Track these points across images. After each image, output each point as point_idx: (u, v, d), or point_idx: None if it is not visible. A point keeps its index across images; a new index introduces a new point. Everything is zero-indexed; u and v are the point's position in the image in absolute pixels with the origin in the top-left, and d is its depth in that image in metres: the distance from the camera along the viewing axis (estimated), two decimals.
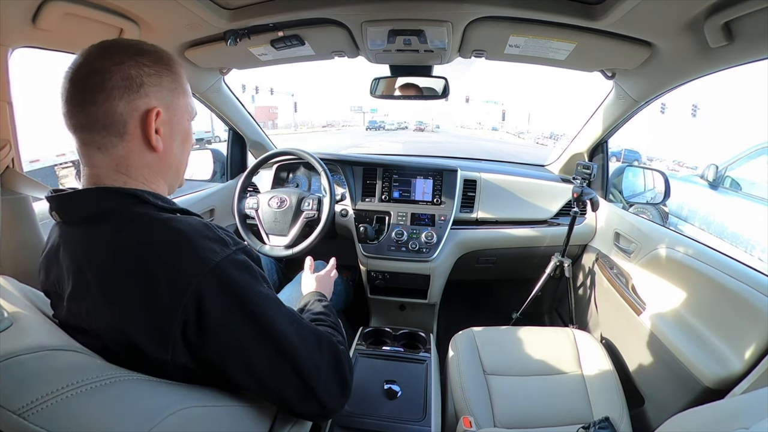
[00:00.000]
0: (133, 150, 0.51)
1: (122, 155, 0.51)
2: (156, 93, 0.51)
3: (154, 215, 0.49)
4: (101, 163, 0.51)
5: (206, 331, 0.46)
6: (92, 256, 0.48)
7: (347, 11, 0.93)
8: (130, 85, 0.49)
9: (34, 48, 0.86)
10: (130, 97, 0.49)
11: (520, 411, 0.98)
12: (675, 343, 0.97)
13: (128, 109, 0.49)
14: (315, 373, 0.55)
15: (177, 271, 0.45)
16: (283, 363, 0.52)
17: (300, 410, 0.57)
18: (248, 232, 1.38)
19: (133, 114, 0.50)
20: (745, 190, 3.59)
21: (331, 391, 0.58)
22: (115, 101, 0.48)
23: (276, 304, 0.53)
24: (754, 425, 0.41)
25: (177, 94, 0.55)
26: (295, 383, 0.54)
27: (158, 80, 0.52)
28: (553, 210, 1.56)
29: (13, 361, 0.36)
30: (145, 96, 0.50)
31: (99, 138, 0.49)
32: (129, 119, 0.50)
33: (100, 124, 0.49)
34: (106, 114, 0.48)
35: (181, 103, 0.56)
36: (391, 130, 37.80)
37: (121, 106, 0.49)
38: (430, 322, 1.63)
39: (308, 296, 0.85)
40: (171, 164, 0.57)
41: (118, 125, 0.49)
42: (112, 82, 0.48)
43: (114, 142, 0.50)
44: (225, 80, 1.44)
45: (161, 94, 0.52)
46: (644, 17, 0.80)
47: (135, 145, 0.51)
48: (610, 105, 1.35)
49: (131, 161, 0.52)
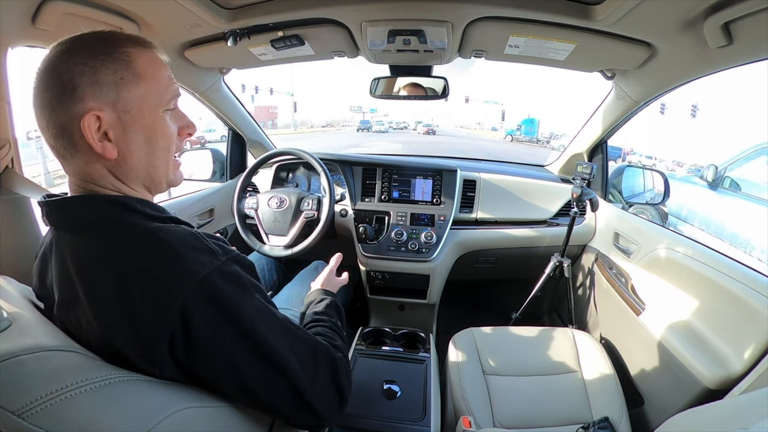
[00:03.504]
0: (89, 161, 0.47)
1: (81, 166, 0.48)
2: (92, 93, 0.45)
3: (142, 225, 0.48)
4: (73, 172, 0.49)
5: (194, 346, 0.45)
6: (79, 266, 0.46)
7: (347, 11, 0.93)
8: (63, 92, 0.44)
9: (34, 48, 0.86)
10: (65, 105, 0.44)
11: (520, 411, 0.98)
12: (674, 344, 0.97)
13: (68, 118, 0.45)
14: (309, 385, 0.53)
15: (163, 284, 0.44)
16: (276, 377, 0.50)
17: (295, 421, 0.56)
18: (248, 232, 1.38)
19: (74, 123, 0.45)
20: (744, 191, 3.60)
21: (327, 403, 0.56)
22: (55, 112, 0.45)
23: (268, 316, 0.51)
24: (754, 425, 0.41)
25: (125, 85, 0.46)
26: (288, 396, 0.52)
27: (93, 77, 0.45)
28: (553, 210, 1.56)
29: (13, 362, 0.36)
30: (80, 100, 0.44)
31: (59, 146, 0.47)
32: (73, 129, 0.45)
33: (54, 134, 0.46)
34: (52, 123, 0.45)
35: (135, 95, 0.47)
36: (381, 132, 29.62)
37: (62, 116, 0.45)
38: (430, 322, 1.63)
39: (313, 294, 0.84)
40: (138, 168, 0.51)
41: (67, 135, 0.46)
42: (50, 90, 0.44)
43: (70, 151, 0.47)
44: (225, 80, 1.44)
45: (100, 93, 0.45)
46: (644, 17, 0.80)
47: (89, 155, 0.47)
48: (610, 105, 1.35)
49: (93, 171, 0.48)
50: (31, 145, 6.79)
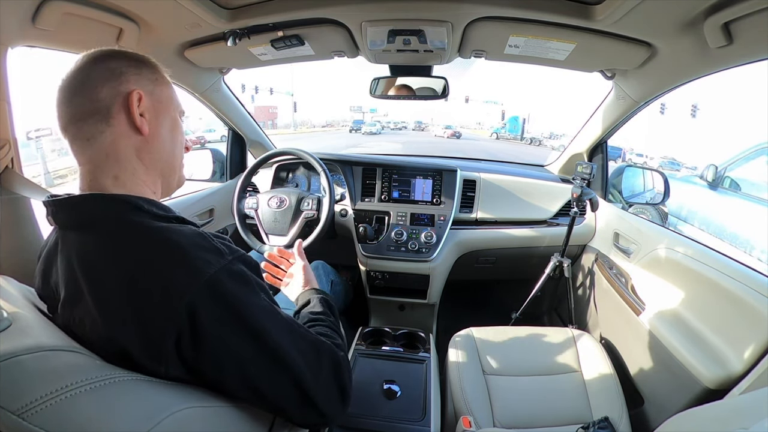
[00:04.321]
0: (121, 135, 0.52)
1: (110, 142, 0.52)
2: (136, 80, 0.53)
3: (148, 224, 0.49)
4: (92, 157, 0.52)
5: (201, 343, 0.46)
6: (85, 265, 0.47)
7: (347, 11, 0.93)
8: (110, 75, 0.52)
9: (34, 47, 0.86)
10: (111, 84, 0.51)
11: (520, 411, 0.98)
12: (674, 344, 0.97)
13: (111, 94, 0.51)
14: (313, 383, 0.54)
15: (171, 283, 0.45)
16: (281, 374, 0.51)
17: (299, 420, 0.57)
18: (248, 232, 1.38)
19: (117, 98, 0.52)
20: (744, 191, 3.60)
21: (330, 400, 0.57)
22: (97, 89, 0.51)
23: (273, 315, 0.52)
24: (754, 425, 0.41)
25: (159, 84, 0.56)
26: (293, 394, 0.53)
27: (138, 71, 0.54)
28: (553, 210, 1.56)
29: (13, 362, 0.36)
30: (126, 82, 0.52)
31: (87, 127, 0.51)
32: (112, 104, 0.51)
33: (87, 112, 0.50)
34: (91, 100, 0.50)
35: (165, 94, 0.57)
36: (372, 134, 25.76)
37: (104, 92, 0.51)
38: (430, 322, 1.64)
39: (306, 293, 0.82)
40: (161, 151, 0.57)
41: (103, 111, 0.51)
42: (95, 73, 0.51)
43: (101, 128, 0.51)
44: (225, 80, 1.44)
45: (142, 82, 0.54)
46: (644, 17, 0.80)
47: (122, 129, 0.52)
48: (610, 105, 1.35)
49: (120, 148, 0.52)
50: (31, 145, 6.79)
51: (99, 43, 0.57)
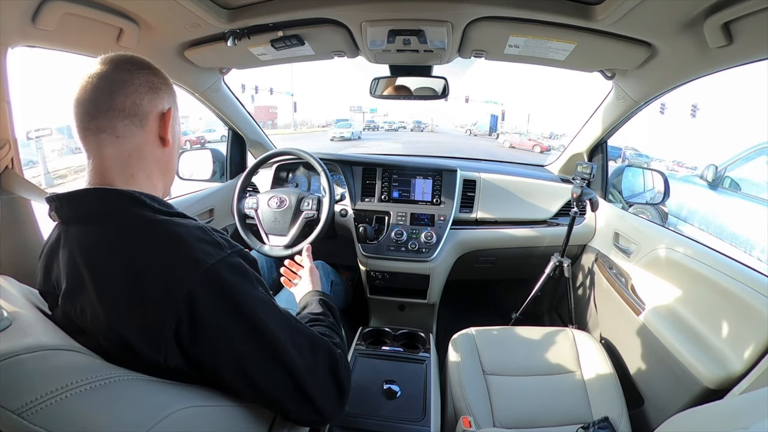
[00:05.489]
0: (148, 142, 0.56)
1: (138, 145, 0.55)
2: (167, 98, 0.59)
3: (151, 217, 0.50)
4: (113, 153, 0.53)
5: (199, 332, 0.46)
6: (88, 255, 0.48)
7: (347, 11, 0.93)
8: (151, 88, 0.56)
9: (34, 47, 0.86)
10: (151, 97, 0.56)
11: (520, 411, 0.98)
12: (674, 344, 0.97)
13: (150, 106, 0.56)
14: (310, 378, 0.55)
15: (171, 272, 0.46)
16: (277, 367, 0.52)
17: (295, 416, 0.57)
18: (248, 232, 1.38)
19: (154, 111, 0.56)
20: (744, 191, 3.60)
21: (327, 397, 0.58)
22: (140, 96, 0.54)
23: (270, 308, 0.53)
24: (754, 425, 0.41)
25: (175, 103, 0.62)
26: (289, 388, 0.53)
27: (167, 89, 0.59)
28: (553, 210, 1.56)
29: (13, 361, 0.36)
30: (162, 99, 0.58)
31: (121, 125, 0.53)
32: (150, 114, 0.56)
33: (126, 113, 0.53)
34: (133, 104, 0.54)
35: (177, 112, 0.63)
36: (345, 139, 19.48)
37: (146, 101, 0.55)
38: (430, 322, 1.63)
39: (308, 296, 0.85)
40: (171, 161, 0.62)
41: (141, 117, 0.55)
42: (138, 81, 0.55)
43: (134, 131, 0.54)
44: (224, 80, 1.44)
45: (170, 100, 0.60)
46: (644, 17, 0.80)
47: (151, 138, 0.57)
48: (610, 105, 1.35)
49: (145, 152, 0.56)
50: (31, 145, 6.79)
51: (99, 43, 0.57)
